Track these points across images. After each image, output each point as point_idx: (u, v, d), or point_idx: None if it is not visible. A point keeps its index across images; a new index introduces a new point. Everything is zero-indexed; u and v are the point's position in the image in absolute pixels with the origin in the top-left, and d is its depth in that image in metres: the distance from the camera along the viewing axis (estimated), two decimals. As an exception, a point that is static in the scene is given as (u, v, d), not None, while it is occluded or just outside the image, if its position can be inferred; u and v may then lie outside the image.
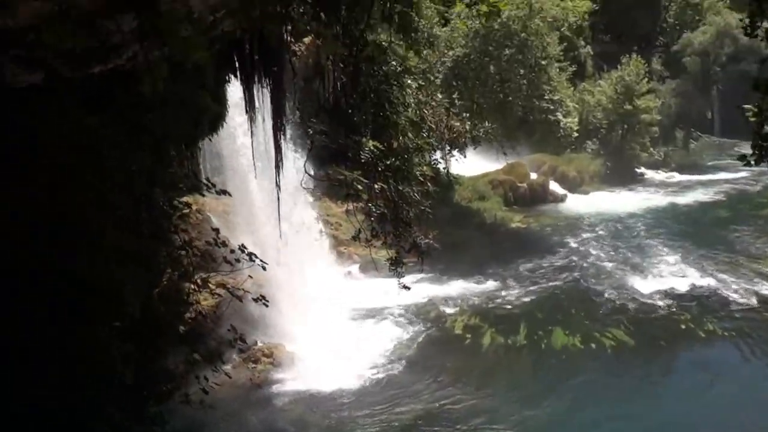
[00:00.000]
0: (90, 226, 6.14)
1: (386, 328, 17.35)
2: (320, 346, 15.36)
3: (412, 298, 17.44)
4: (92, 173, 5.93)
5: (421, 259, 9.78)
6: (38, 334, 6.22)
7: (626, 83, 40.67)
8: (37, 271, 6.13)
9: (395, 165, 8.81)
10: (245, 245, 9.40)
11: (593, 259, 23.98)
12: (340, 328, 16.78)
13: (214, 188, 8.75)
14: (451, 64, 25.60)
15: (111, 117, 5.89)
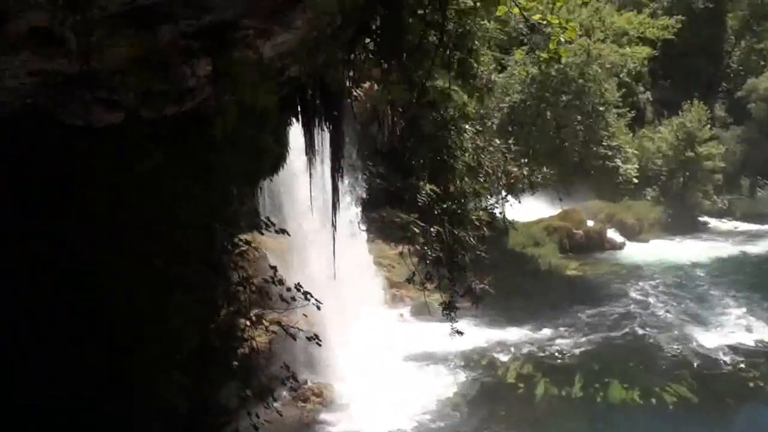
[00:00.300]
0: (155, 260, 6.42)
1: (438, 373, 17.26)
2: (370, 388, 15.37)
3: (464, 343, 17.25)
4: (159, 209, 6.22)
5: (476, 305, 9.81)
6: (98, 362, 6.48)
7: (688, 129, 40.08)
8: (103, 302, 6.42)
9: (452, 209, 8.93)
10: (301, 284, 9.60)
11: (653, 310, 23.36)
12: (391, 370, 16.77)
13: (273, 227, 9.00)
14: (507, 110, 25.75)
15: (181, 156, 6.20)
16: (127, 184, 5.99)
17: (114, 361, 6.37)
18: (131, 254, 6.31)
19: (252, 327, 9.39)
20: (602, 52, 27.83)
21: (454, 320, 9.92)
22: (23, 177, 5.40)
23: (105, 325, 6.22)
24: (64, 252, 5.85)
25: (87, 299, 6.08)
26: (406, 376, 16.77)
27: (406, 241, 9.20)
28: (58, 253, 5.80)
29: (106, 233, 6.00)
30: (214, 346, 8.11)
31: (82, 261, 6.23)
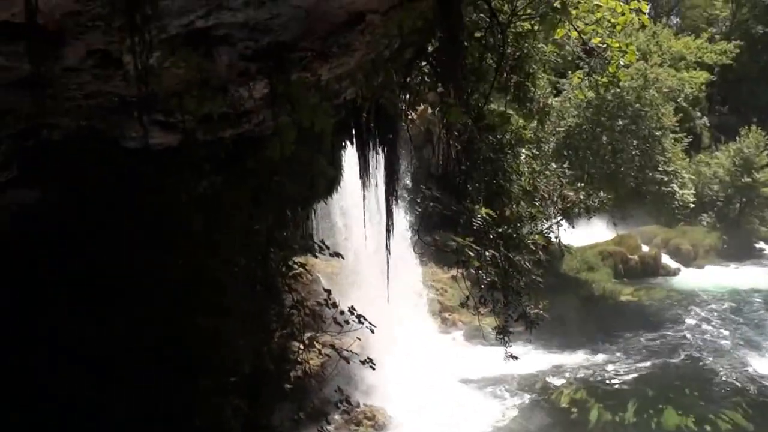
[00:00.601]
0: (213, 282, 6.35)
1: (491, 397, 16.99)
2: (422, 412, 15.17)
3: (517, 367, 16.98)
4: (215, 232, 6.16)
5: (530, 329, 9.56)
6: (156, 384, 6.42)
7: (745, 155, 39.03)
8: (155, 324, 6.37)
9: (507, 233, 8.74)
10: (354, 307, 9.46)
11: (709, 336, 22.78)
12: (442, 394, 16.52)
13: (327, 250, 8.89)
14: (563, 134, 25.43)
15: (237, 178, 6.15)
16: (184, 207, 5.94)
17: (171, 386, 6.31)
18: (187, 278, 6.24)
19: (305, 350, 9.25)
20: (659, 76, 27.36)
21: (508, 344, 9.71)
22: (81, 199, 5.39)
23: (161, 349, 6.16)
24: (122, 276, 5.82)
25: (142, 324, 6.03)
26: (459, 400, 16.52)
27: (460, 265, 8.99)
28: (116, 276, 5.77)
29: (162, 256, 5.95)
30: (268, 370, 7.98)
31: (140, 285, 6.20)
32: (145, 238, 5.74)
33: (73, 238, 5.51)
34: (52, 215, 5.34)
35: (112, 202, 5.49)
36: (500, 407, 16.43)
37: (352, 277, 15.99)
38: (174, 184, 5.60)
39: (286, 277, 8.56)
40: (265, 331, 8.30)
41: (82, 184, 5.25)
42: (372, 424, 14.59)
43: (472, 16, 7.69)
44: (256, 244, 7.10)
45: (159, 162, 5.28)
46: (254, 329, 7.66)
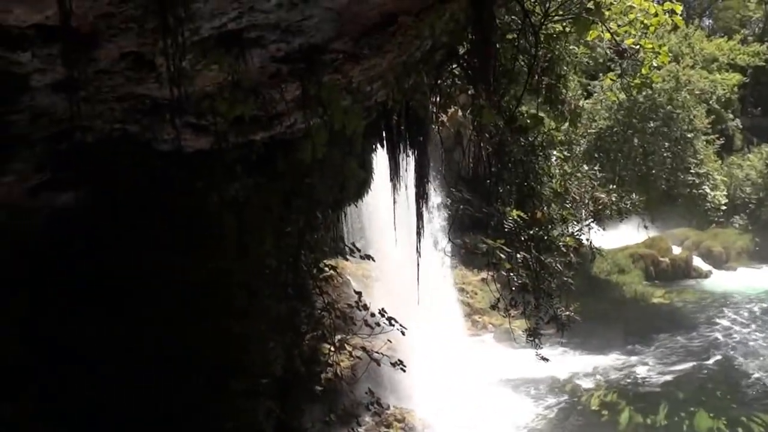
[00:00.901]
0: (243, 285, 6.33)
1: (521, 400, 16.83)
2: (452, 414, 15.05)
3: (548, 370, 16.81)
4: (248, 235, 6.13)
5: (561, 332, 9.42)
6: (189, 387, 6.40)
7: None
8: (192, 327, 6.35)
9: (538, 235, 8.62)
10: (385, 309, 9.40)
11: (741, 338, 22.39)
12: (473, 397, 16.39)
13: (358, 252, 8.84)
14: (594, 137, 25.18)
15: (268, 181, 6.11)
16: (215, 209, 5.92)
17: (203, 389, 6.29)
18: (218, 281, 6.22)
19: (336, 352, 9.22)
20: (691, 78, 26.98)
21: (539, 346, 9.59)
22: (113, 202, 5.38)
23: (192, 352, 6.15)
24: (153, 279, 5.81)
25: (172, 327, 6.01)
26: (489, 402, 16.37)
27: (491, 268, 8.88)
28: (147, 280, 5.77)
29: (193, 260, 5.93)
30: (299, 372, 7.96)
31: (171, 288, 6.19)
32: (177, 242, 5.73)
33: (105, 242, 5.52)
34: (84, 218, 5.34)
35: (144, 205, 5.48)
36: (531, 409, 16.28)
37: (382, 279, 15.94)
38: (205, 186, 5.58)
39: (317, 280, 8.53)
40: (296, 333, 8.27)
41: (114, 187, 5.24)
42: (402, 426, 14.51)
43: (505, 17, 7.60)
44: (287, 246, 7.07)
45: (190, 165, 5.26)
46: (285, 331, 7.63)
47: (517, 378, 17.91)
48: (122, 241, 5.47)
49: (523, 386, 17.62)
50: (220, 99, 4.25)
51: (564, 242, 9.50)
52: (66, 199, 5.10)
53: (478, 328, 21.68)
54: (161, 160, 5.07)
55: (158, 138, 4.81)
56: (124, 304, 5.71)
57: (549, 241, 9.16)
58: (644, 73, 8.92)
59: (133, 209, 5.38)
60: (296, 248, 7.24)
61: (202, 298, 6.03)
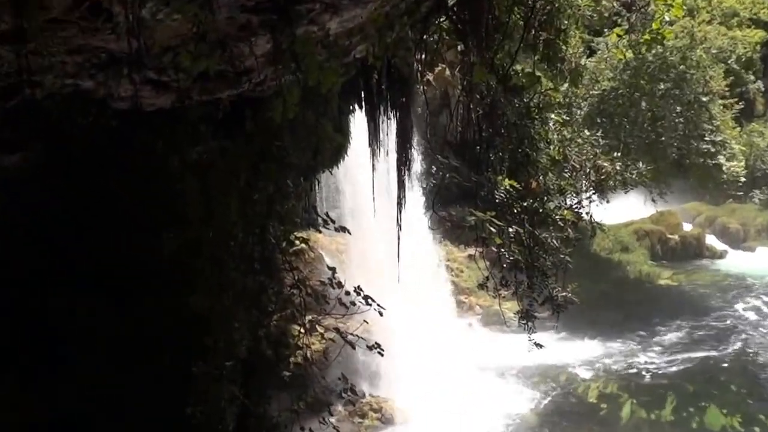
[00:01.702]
0: (207, 258, 6.45)
1: (511, 390, 17.14)
2: (434, 404, 15.28)
3: (541, 357, 17.01)
4: (213, 202, 6.25)
5: (557, 315, 9.60)
6: (148, 370, 6.55)
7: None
8: (144, 305, 6.49)
9: (533, 207, 8.77)
10: (361, 288, 9.56)
11: (759, 326, 22.74)
12: (457, 386, 16.64)
13: (333, 224, 8.96)
14: (597, 99, 25.32)
15: (235, 144, 6.22)
16: (177, 174, 6.03)
17: (161, 370, 6.44)
18: (180, 252, 6.34)
19: (306, 334, 9.38)
20: (708, 35, 27.18)
21: (532, 331, 9.74)
22: (67, 163, 5.47)
23: (148, 331, 6.28)
24: (109, 247, 5.92)
25: (128, 301, 6.14)
26: (475, 392, 16.63)
27: (479, 243, 9.03)
28: (102, 248, 5.88)
29: (154, 228, 6.05)
30: (265, 355, 8.13)
31: (129, 259, 6.30)
32: (135, 208, 5.84)
33: (55, 207, 5.61)
34: (34, 181, 5.43)
35: (100, 168, 5.57)
36: (521, 401, 16.59)
37: (359, 254, 16.12)
38: (166, 148, 5.68)
39: (287, 254, 8.66)
40: (263, 312, 8.41)
41: (67, 148, 5.32)
42: (378, 416, 14.77)
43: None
44: (254, 215, 7.18)
45: (150, 124, 5.34)
46: (251, 310, 7.78)
47: (507, 365, 18.23)
48: (74, 205, 5.56)
49: (514, 375, 17.96)
50: (184, 53, 4.34)
51: (561, 215, 9.64)
52: (14, 161, 5.17)
53: (465, 309, 21.95)
54: (118, 120, 5.15)
55: (115, 95, 4.89)
56: (76, 274, 5.82)
57: (544, 214, 9.29)
58: (654, 29, 9.03)
59: (87, 172, 5.46)
60: (264, 218, 7.36)
61: (160, 271, 6.16)
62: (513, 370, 18.10)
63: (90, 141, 5.26)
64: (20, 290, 5.85)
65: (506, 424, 15.25)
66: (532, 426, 15.36)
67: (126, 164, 5.66)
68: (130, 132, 5.39)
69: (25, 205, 5.56)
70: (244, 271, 7.28)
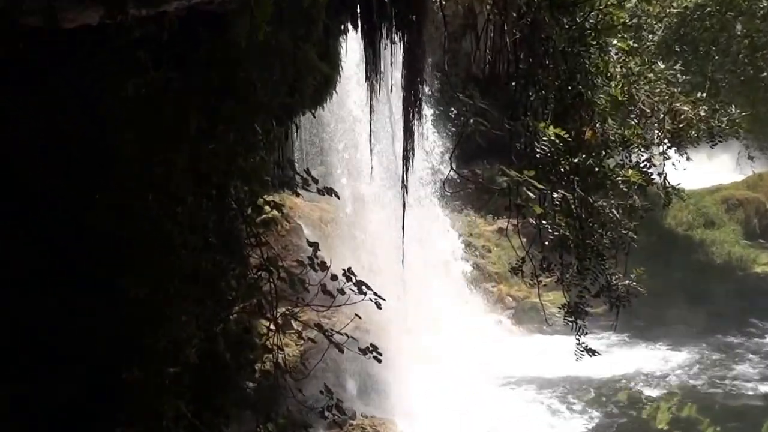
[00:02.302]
0: (146, 229, 6.49)
1: (553, 412, 17.24)
2: (449, 429, 15.42)
3: (594, 367, 17.19)
4: (155, 155, 6.27)
5: (616, 310, 9.66)
6: (67, 381, 6.63)
7: None
8: (70, 285, 6.55)
9: (587, 165, 8.77)
10: (352, 271, 9.61)
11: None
12: (481, 405, 16.79)
13: (315, 184, 8.99)
14: (675, 21, 25.20)
15: (185, 75, 6.22)
16: (109, 115, 6.04)
17: (83, 380, 6.52)
18: (113, 221, 6.39)
19: (278, 332, 9.45)
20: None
21: (582, 332, 9.77)
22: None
23: (70, 325, 6.35)
24: (14, 211, 5.97)
25: (42, 289, 6.21)
26: (504, 414, 16.76)
27: (514, 213, 9.08)
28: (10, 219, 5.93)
29: (73, 185, 6.09)
30: (223, 360, 8.20)
31: (46, 230, 6.36)
32: (56, 158, 5.86)
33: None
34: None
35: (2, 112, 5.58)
36: (566, 428, 16.68)
37: (349, 225, 16.20)
38: (92, 80, 5.69)
39: (253, 224, 8.69)
40: (220, 302, 8.49)
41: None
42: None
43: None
44: (209, 173, 7.21)
45: (71, 48, 5.34)
46: (204, 300, 7.83)
47: (547, 378, 18.45)
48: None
49: (554, 392, 18.12)
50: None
51: (624, 177, 9.66)
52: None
53: (492, 302, 22.08)
54: (26, 41, 5.16)
55: (22, 6, 4.89)
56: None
57: (602, 175, 9.30)
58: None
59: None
60: (223, 176, 7.39)
61: (83, 245, 6.20)
62: (555, 386, 18.22)
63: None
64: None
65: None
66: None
67: (38, 104, 5.66)
68: (44, 58, 5.39)
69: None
70: (195, 246, 7.31)
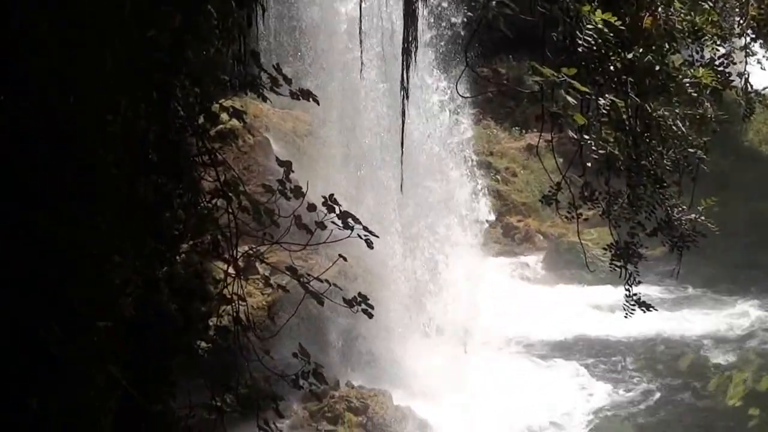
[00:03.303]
0: (59, 140, 6.45)
1: (591, 383, 17.34)
2: (460, 402, 15.50)
3: (648, 326, 17.38)
4: (76, 47, 6.22)
5: (678, 253, 9.64)
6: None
7: None
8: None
9: (644, 63, 8.70)
10: (335, 197, 9.58)
11: None
12: (501, 372, 16.87)
13: (288, 86, 8.92)
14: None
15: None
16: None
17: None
18: (15, 127, 6.36)
19: (238, 278, 9.47)
20: None
21: (634, 281, 9.71)
22: None
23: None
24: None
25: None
26: (530, 384, 16.86)
27: (548, 124, 9.02)
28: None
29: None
30: (167, 313, 8.24)
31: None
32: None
33: None
34: None
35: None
36: (607, 402, 16.81)
37: (333, 142, 16.16)
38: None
39: (206, 138, 8.66)
40: (163, 239, 8.51)
41: None
42: (362, 420, 14.92)
43: None
44: (147, 70, 7.16)
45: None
46: (142, 236, 7.84)
47: (586, 339, 18.61)
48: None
49: (597, 356, 18.27)
50: None
51: (694, 78, 9.59)
52: None
53: (517, 240, 22.15)
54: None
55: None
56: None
57: (664, 75, 9.22)
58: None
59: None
60: (165, 73, 7.35)
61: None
62: (598, 349, 18.31)
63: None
64: None
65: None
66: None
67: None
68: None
69: None
70: (130, 166, 7.29)
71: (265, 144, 14.63)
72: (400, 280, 15.39)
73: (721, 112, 9.90)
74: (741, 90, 11.49)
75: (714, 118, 9.75)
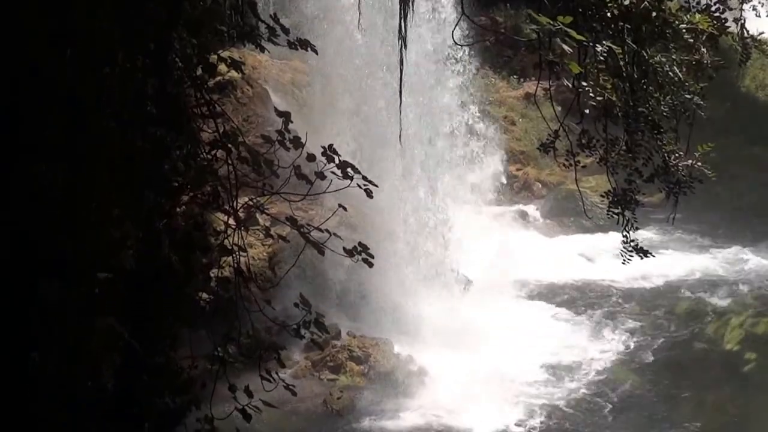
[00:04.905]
0: (57, 92, 6.41)
1: (590, 329, 17.36)
2: (459, 351, 15.48)
3: (646, 272, 17.39)
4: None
5: (675, 199, 9.63)
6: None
7: None
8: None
9: (641, 9, 8.66)
10: (334, 148, 9.54)
11: None
12: (500, 319, 16.87)
13: (287, 36, 8.87)
14: None
15: None
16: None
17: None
18: (15, 83, 6.32)
19: (239, 228, 9.46)
20: None
21: (631, 227, 9.71)
22: None
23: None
24: None
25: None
26: (529, 332, 16.88)
27: (546, 72, 8.97)
28: None
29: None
30: (167, 263, 8.21)
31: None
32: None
33: None
34: None
35: None
36: (606, 348, 16.85)
37: (331, 92, 16.10)
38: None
39: (205, 89, 8.61)
40: (162, 190, 8.47)
41: None
42: (363, 369, 14.92)
43: None
44: (144, 20, 7.11)
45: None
46: (142, 188, 7.80)
47: (582, 284, 18.70)
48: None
49: (595, 303, 18.29)
50: None
51: (690, 24, 9.55)
52: None
53: (516, 188, 22.12)
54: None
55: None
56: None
57: (660, 21, 9.19)
58: None
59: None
60: (163, 25, 7.30)
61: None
62: (596, 296, 18.32)
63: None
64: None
65: (579, 382, 15.44)
66: (625, 384, 15.50)
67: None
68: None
69: None
70: (128, 119, 7.26)
71: (264, 95, 14.58)
72: (400, 229, 15.35)
73: (718, 58, 9.87)
74: (737, 36, 11.47)
75: (710, 64, 9.74)
